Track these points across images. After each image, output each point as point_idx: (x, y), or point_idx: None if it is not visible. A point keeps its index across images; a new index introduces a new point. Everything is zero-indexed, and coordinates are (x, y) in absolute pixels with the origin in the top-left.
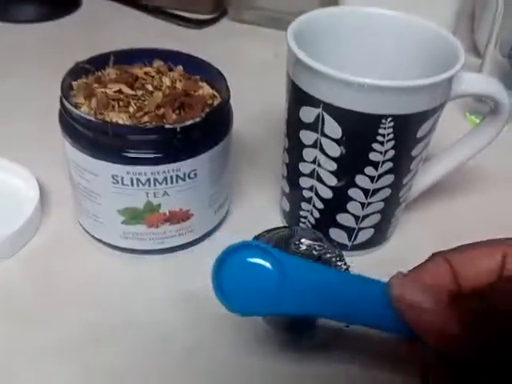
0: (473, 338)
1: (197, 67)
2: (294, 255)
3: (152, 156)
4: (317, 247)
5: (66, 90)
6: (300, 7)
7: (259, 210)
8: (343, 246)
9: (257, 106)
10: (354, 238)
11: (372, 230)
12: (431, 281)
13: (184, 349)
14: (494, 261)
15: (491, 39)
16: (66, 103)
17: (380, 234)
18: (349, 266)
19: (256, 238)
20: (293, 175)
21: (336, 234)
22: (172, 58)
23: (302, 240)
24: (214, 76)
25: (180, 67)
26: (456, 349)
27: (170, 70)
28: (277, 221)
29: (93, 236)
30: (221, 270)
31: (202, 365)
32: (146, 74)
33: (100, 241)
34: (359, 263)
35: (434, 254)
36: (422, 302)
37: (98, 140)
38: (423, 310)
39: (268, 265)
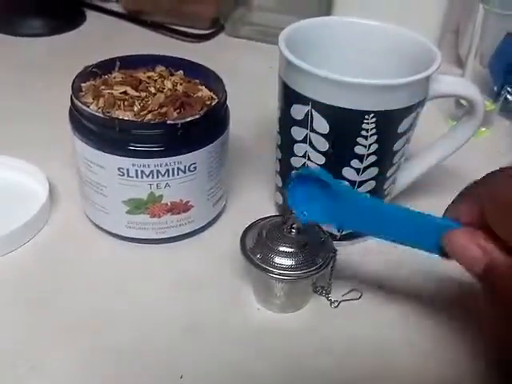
0: None
1: (196, 72)
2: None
3: (155, 149)
4: (307, 232)
5: (76, 91)
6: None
7: (255, 203)
8: (333, 236)
9: (252, 111)
10: (343, 229)
11: None
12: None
13: (185, 332)
14: None
15: (471, 51)
16: (76, 101)
17: None
18: (336, 250)
19: (250, 225)
20: (285, 170)
21: (326, 225)
22: (173, 63)
23: (294, 225)
24: (212, 80)
25: (180, 72)
26: None
27: (172, 74)
28: (271, 213)
29: (99, 226)
30: (295, 185)
31: (203, 347)
32: (149, 77)
33: (105, 231)
34: (347, 252)
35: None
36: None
37: (106, 135)
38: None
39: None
